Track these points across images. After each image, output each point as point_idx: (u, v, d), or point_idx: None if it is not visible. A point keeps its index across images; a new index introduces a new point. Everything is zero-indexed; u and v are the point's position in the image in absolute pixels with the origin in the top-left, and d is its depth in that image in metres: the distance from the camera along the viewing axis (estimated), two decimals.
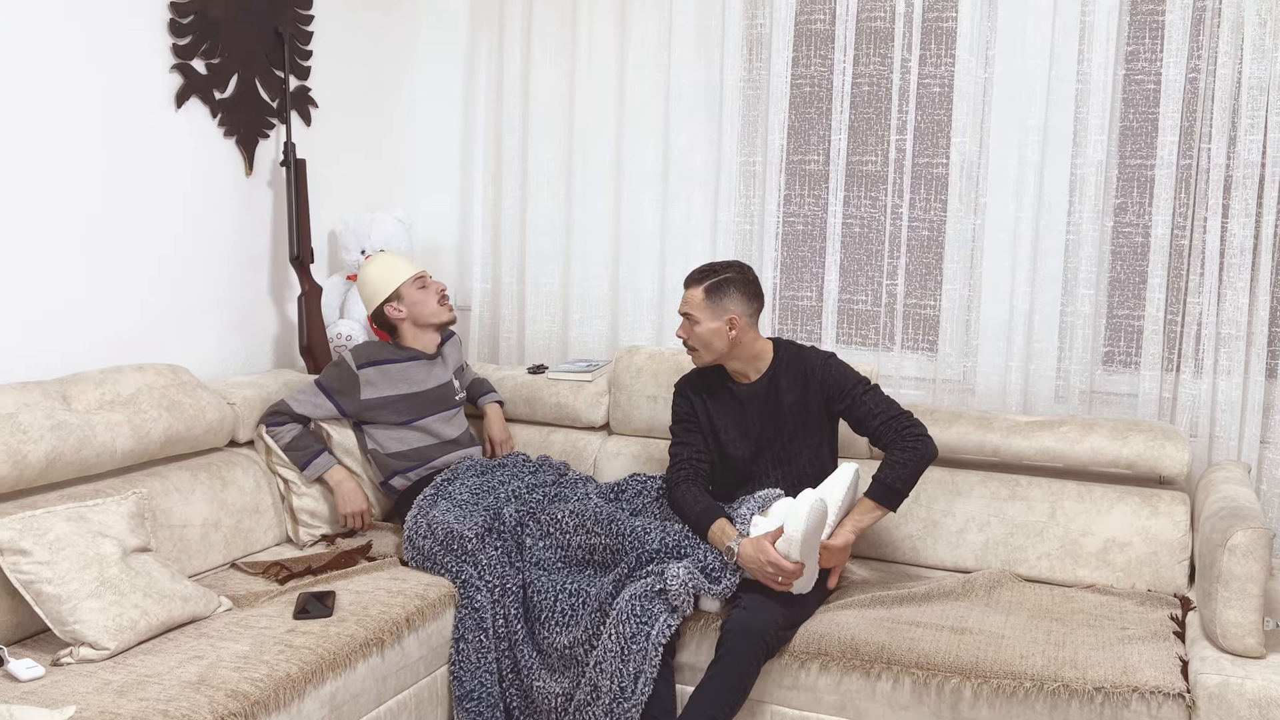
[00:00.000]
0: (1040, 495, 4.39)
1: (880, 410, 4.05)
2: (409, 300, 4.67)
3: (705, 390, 4.26)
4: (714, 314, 4.08)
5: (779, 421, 4.16)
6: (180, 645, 3.40)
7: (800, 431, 4.16)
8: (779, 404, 4.16)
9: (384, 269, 4.69)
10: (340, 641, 3.52)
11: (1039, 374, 4.82)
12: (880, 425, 4.03)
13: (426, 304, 4.69)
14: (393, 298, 4.67)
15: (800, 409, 4.15)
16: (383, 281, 4.67)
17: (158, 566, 3.57)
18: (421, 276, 4.70)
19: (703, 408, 4.24)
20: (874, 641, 3.68)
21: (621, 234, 5.45)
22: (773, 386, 4.16)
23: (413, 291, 4.67)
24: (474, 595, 4.05)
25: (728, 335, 4.09)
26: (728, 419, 4.22)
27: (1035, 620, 3.87)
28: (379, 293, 4.67)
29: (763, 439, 4.18)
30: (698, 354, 4.17)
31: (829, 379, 4.12)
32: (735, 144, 5.22)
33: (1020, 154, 4.77)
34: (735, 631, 3.71)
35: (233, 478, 4.29)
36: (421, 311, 4.68)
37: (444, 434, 4.69)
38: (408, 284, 4.67)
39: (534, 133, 5.55)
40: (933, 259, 4.99)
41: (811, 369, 4.15)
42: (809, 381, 4.14)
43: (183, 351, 4.60)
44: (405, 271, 4.68)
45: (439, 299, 4.71)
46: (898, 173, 4.96)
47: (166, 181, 4.48)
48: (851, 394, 4.09)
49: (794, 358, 4.19)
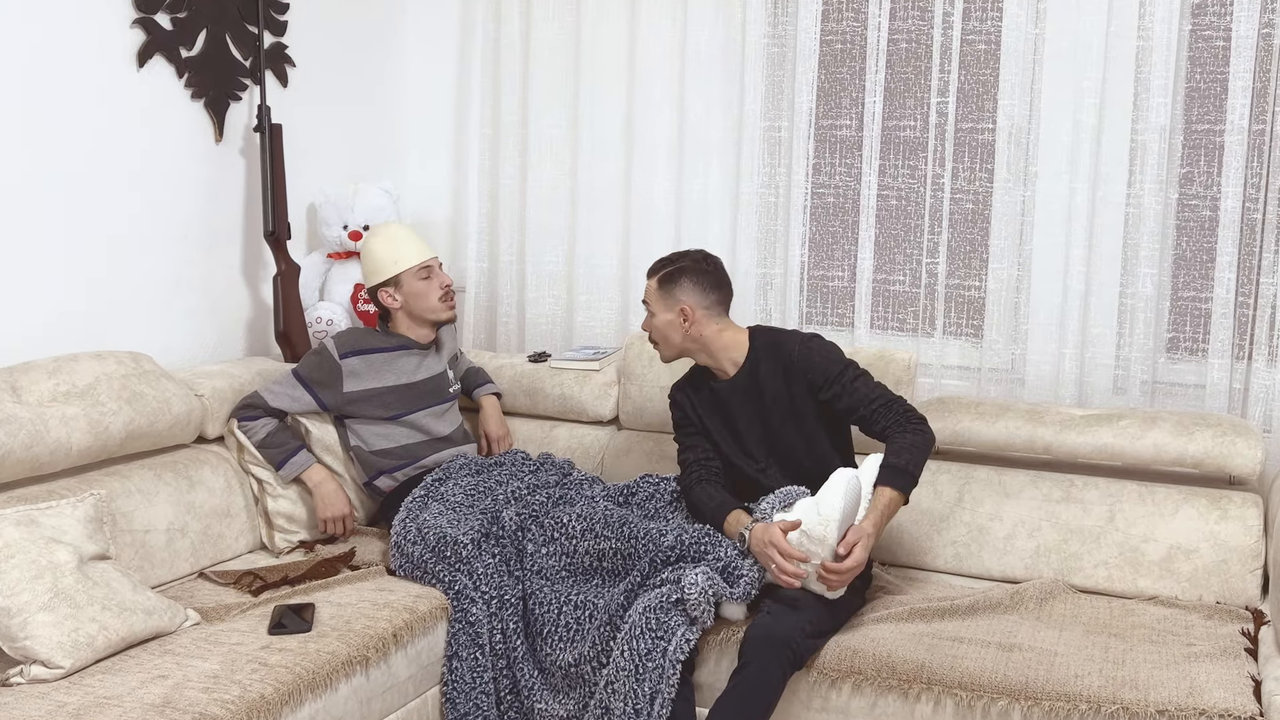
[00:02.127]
0: (1097, 497, 4.37)
1: (877, 395, 4.05)
2: (408, 290, 4.64)
3: (694, 392, 4.30)
4: (667, 305, 4.16)
5: (764, 416, 4.18)
6: (143, 664, 3.39)
7: (789, 424, 4.16)
8: (760, 395, 4.17)
9: (388, 249, 4.66)
10: (320, 660, 3.50)
11: (1095, 363, 4.81)
12: (878, 408, 4.02)
13: (426, 299, 4.66)
14: (390, 282, 4.65)
15: (784, 399, 4.15)
16: (384, 262, 4.64)
17: (118, 576, 3.56)
18: (428, 266, 4.67)
19: (693, 410, 4.28)
20: (913, 659, 3.67)
21: (632, 207, 5.45)
22: (752, 378, 4.18)
23: (414, 282, 4.64)
24: (469, 608, 4.04)
25: (682, 327, 4.15)
26: (716, 419, 4.24)
27: (1091, 636, 3.85)
28: (377, 273, 4.66)
29: (750, 436, 4.20)
30: (659, 348, 4.26)
31: (811, 364, 4.12)
32: (758, 107, 5.20)
33: (1075, 118, 4.75)
34: (757, 639, 3.71)
35: (201, 477, 4.29)
36: (419, 305, 4.66)
37: (435, 430, 4.68)
38: (411, 272, 4.64)
39: (535, 95, 5.54)
40: (978, 235, 4.98)
41: (790, 355, 4.15)
42: (790, 368, 4.14)
43: (145, 338, 4.59)
44: (411, 257, 4.65)
45: (442, 294, 4.69)
46: (939, 139, 4.95)
47: (127, 149, 4.48)
48: (840, 380, 4.08)
49: (771, 344, 4.20)
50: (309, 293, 5.20)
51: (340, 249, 5.25)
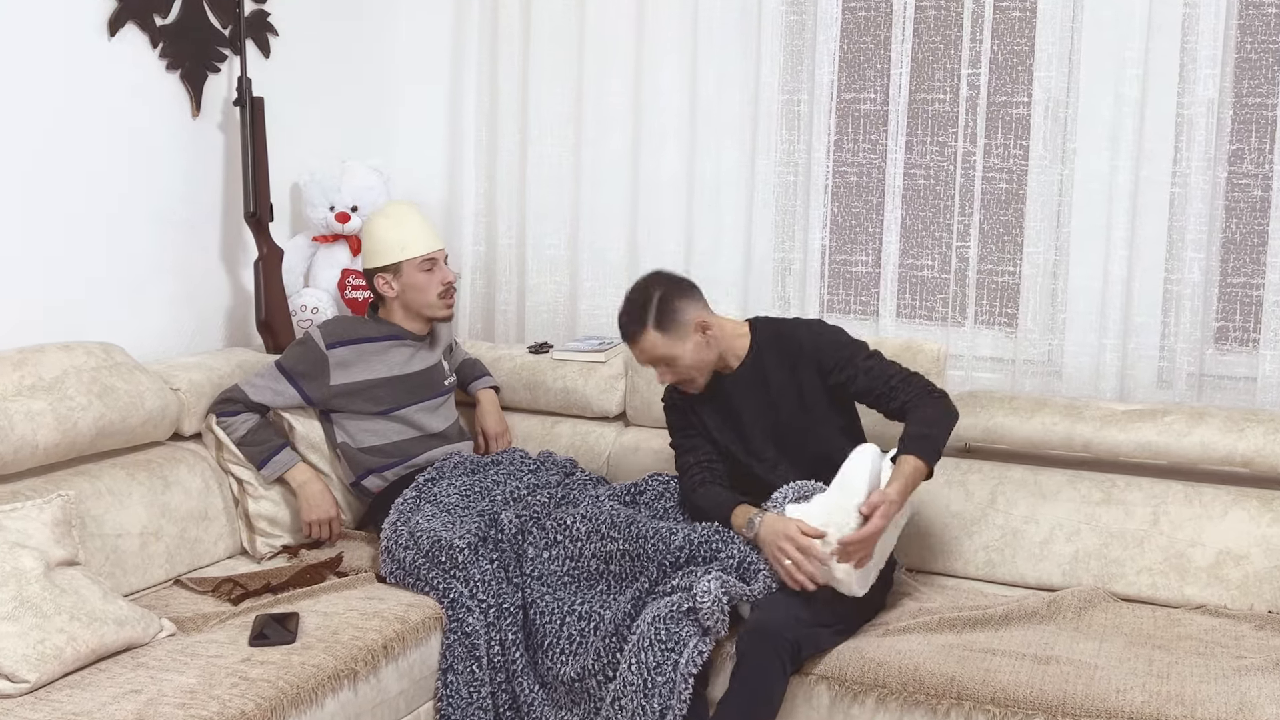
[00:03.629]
0: (1140, 499, 4.37)
1: (894, 371, 4.08)
2: (407, 281, 4.63)
3: (693, 395, 4.29)
4: (682, 336, 4.11)
5: (771, 408, 4.19)
6: (114, 677, 3.38)
7: (798, 414, 4.18)
8: (766, 387, 4.18)
9: (394, 233, 4.63)
10: (305, 673, 3.50)
11: (1138, 354, 4.81)
12: (896, 384, 4.04)
13: (425, 293, 4.65)
14: (390, 269, 4.63)
15: (791, 389, 4.17)
16: (388, 246, 4.62)
17: (87, 583, 3.56)
18: (432, 259, 4.64)
19: (692, 411, 4.31)
20: (942, 672, 3.67)
21: (640, 187, 5.44)
22: (756, 369, 4.20)
23: (416, 273, 4.62)
24: (465, 617, 4.04)
25: (709, 341, 4.14)
26: (717, 417, 4.26)
27: (1134, 647, 3.84)
28: (378, 256, 4.63)
29: (756, 431, 4.21)
30: (691, 382, 4.21)
31: (820, 347, 4.15)
32: (775, 79, 5.20)
33: (1116, 91, 4.74)
34: (748, 633, 3.75)
35: (177, 477, 4.29)
36: (416, 299, 4.65)
37: (429, 426, 4.68)
38: (414, 263, 4.62)
39: (536, 67, 5.54)
40: (1012, 216, 4.98)
41: (799, 343, 4.18)
42: (798, 356, 4.17)
43: (116, 327, 4.57)
44: (417, 247, 4.62)
45: (442, 291, 4.67)
46: (970, 114, 4.94)
47: (96, 125, 4.47)
48: (852, 362, 4.11)
49: (775, 334, 4.24)
50: (293, 278, 5.19)
51: (326, 231, 5.25)
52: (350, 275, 5.16)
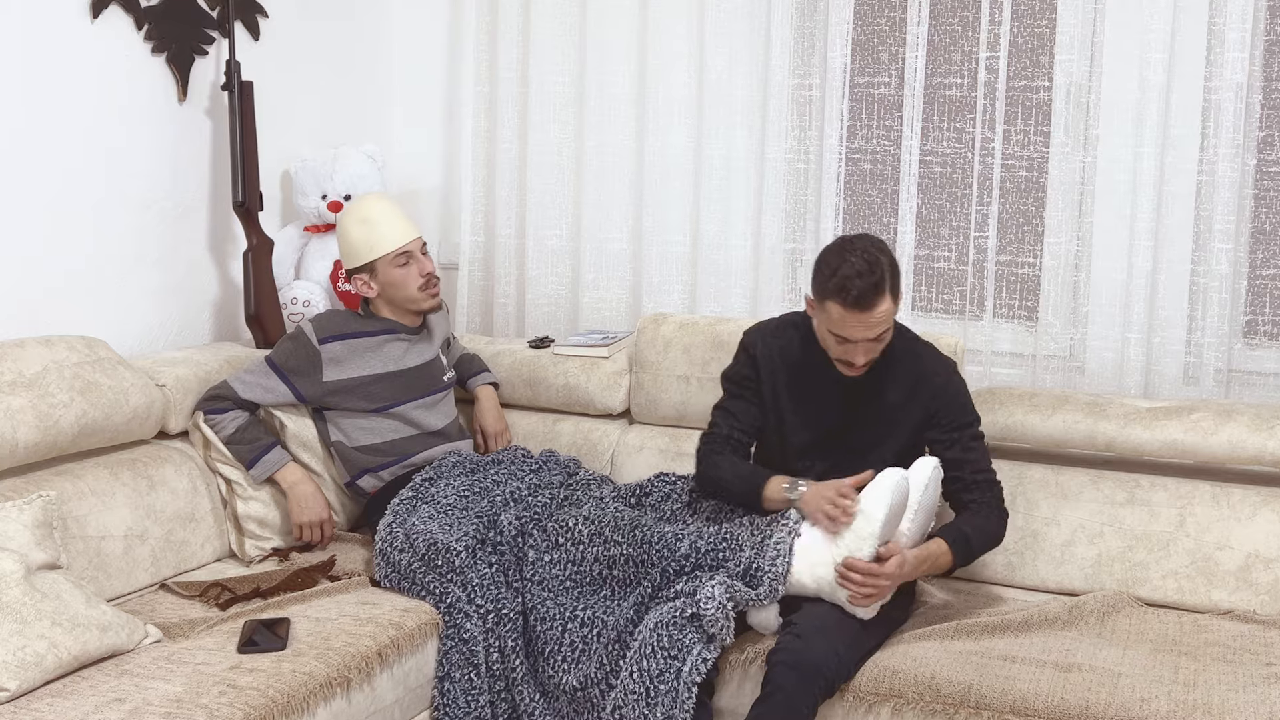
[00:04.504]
0: (1166, 499, 4.37)
1: (985, 468, 4.09)
2: (384, 279, 4.62)
3: (782, 357, 4.21)
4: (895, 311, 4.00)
5: (865, 419, 4.14)
6: (97, 686, 3.38)
7: (882, 437, 4.14)
8: (874, 398, 4.13)
9: (361, 231, 4.61)
10: (296, 681, 3.50)
11: (1164, 349, 4.81)
12: (980, 481, 4.07)
13: (404, 288, 4.64)
14: (365, 269, 4.62)
15: (897, 413, 4.13)
16: (358, 246, 4.61)
17: (69, 588, 3.56)
18: (406, 252, 4.62)
19: (770, 373, 4.21)
20: (959, 680, 3.66)
21: (646, 174, 5.44)
22: (873, 376, 4.11)
23: (390, 269, 4.61)
24: (463, 623, 4.04)
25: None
26: (802, 399, 4.19)
27: (1159, 654, 3.84)
28: (351, 257, 4.64)
29: (833, 433, 4.16)
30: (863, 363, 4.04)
31: (946, 398, 4.11)
32: (786, 62, 5.19)
33: (1141, 74, 4.73)
34: (785, 664, 3.68)
35: (163, 477, 4.29)
36: (397, 295, 4.65)
37: (427, 424, 4.68)
38: (386, 259, 4.61)
39: (537, 49, 5.54)
40: (1032, 206, 4.98)
41: (929, 375, 4.13)
42: (918, 387, 4.11)
43: (100, 321, 4.58)
44: (388, 242, 4.60)
45: (423, 283, 4.66)
46: (988, 98, 4.94)
47: (78, 110, 4.47)
48: (965, 433, 4.09)
49: (909, 350, 4.16)
50: (283, 270, 5.19)
51: (318, 221, 5.24)
52: (342, 267, 5.14)
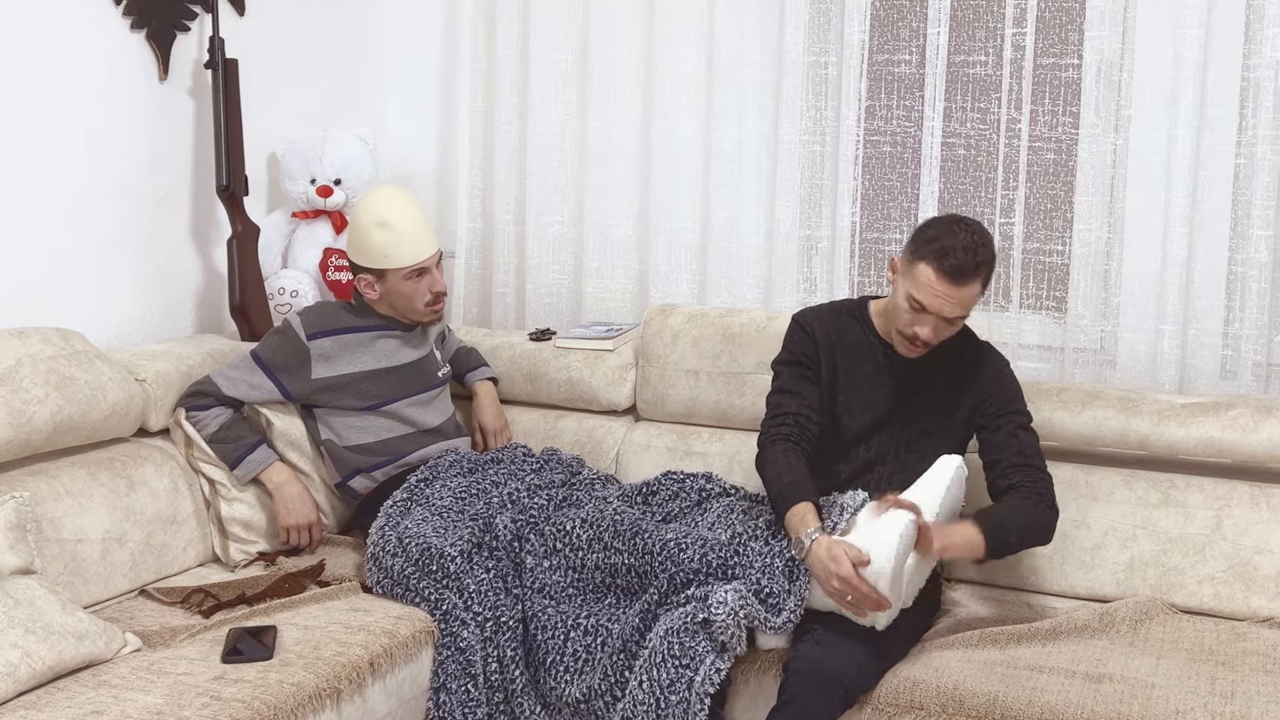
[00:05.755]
0: (1202, 500, 4.36)
1: (1030, 455, 4.06)
2: (391, 287, 4.59)
3: (839, 337, 4.23)
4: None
5: (917, 406, 4.16)
6: (74, 697, 3.38)
7: (936, 427, 4.16)
8: (928, 385, 4.16)
9: (382, 237, 4.53)
10: (283, 692, 3.49)
11: (1200, 342, 4.81)
12: (1022, 465, 4.03)
13: (411, 302, 4.62)
14: (373, 272, 4.59)
15: (949, 402, 4.15)
16: (372, 250, 4.55)
17: (44, 594, 3.56)
18: (421, 270, 4.58)
19: (827, 355, 4.21)
20: (984, 692, 3.66)
21: (653, 158, 5.45)
22: (928, 365, 4.14)
23: (401, 283, 4.58)
24: (459, 631, 4.05)
25: None
26: (858, 380, 4.19)
27: (1195, 664, 3.84)
28: (362, 257, 4.59)
29: (892, 419, 4.18)
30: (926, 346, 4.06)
31: (998, 387, 4.14)
32: (801, 39, 5.20)
33: (1175, 52, 4.73)
34: (804, 674, 3.68)
35: (143, 477, 4.29)
36: (401, 305, 4.64)
37: (422, 421, 4.68)
38: (399, 273, 4.57)
39: (538, 24, 5.55)
40: (1060, 190, 4.98)
41: (982, 368, 4.16)
42: (971, 380, 4.15)
43: (76, 312, 4.58)
44: (406, 256, 4.54)
45: (430, 300, 4.64)
46: (1014, 77, 4.94)
47: (53, 89, 4.46)
48: (1011, 419, 4.10)
49: (968, 345, 4.20)
50: (270, 258, 5.19)
51: (307, 207, 5.24)
52: (333, 255, 5.15)
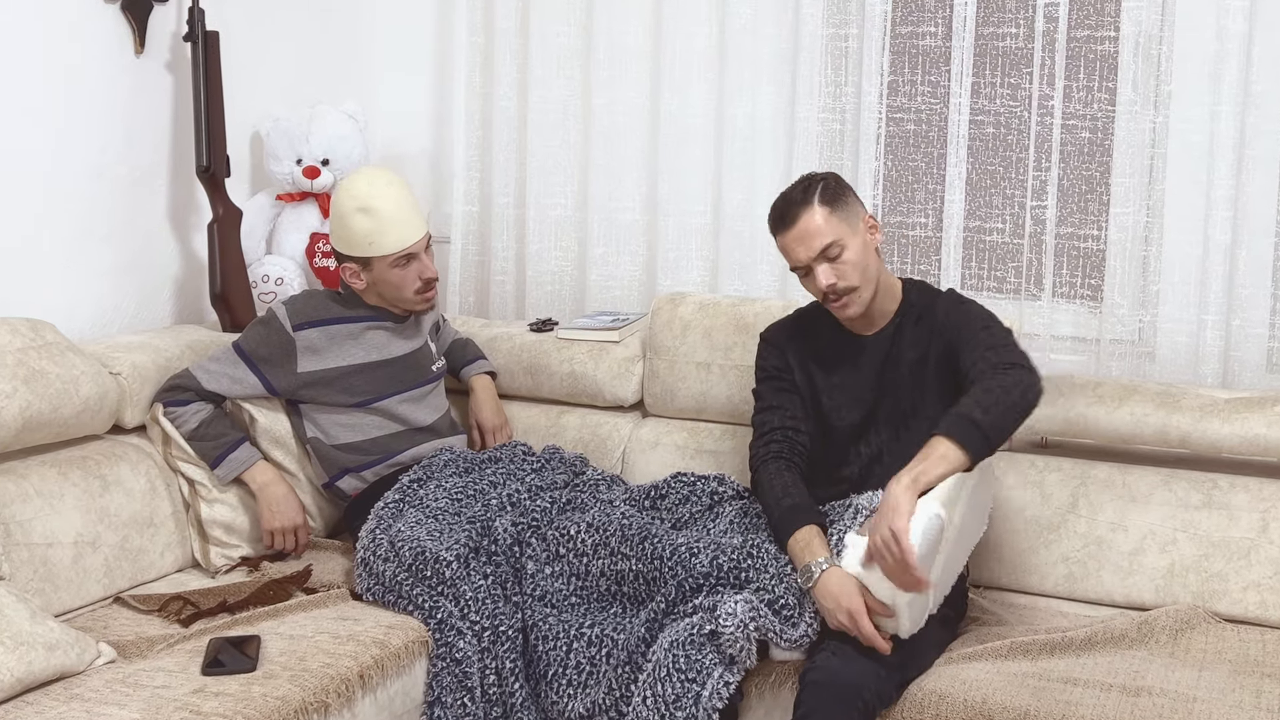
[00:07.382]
0: (1246, 502, 4.35)
1: (984, 344, 3.94)
2: (378, 275, 4.59)
3: (804, 341, 4.25)
4: (851, 225, 4.02)
5: (897, 386, 4.16)
6: (44, 711, 3.38)
7: (919, 400, 4.14)
8: (899, 362, 4.15)
9: (364, 223, 4.53)
10: (267, 706, 3.49)
11: (1244, 332, 4.81)
12: (976, 358, 3.92)
13: (399, 290, 4.62)
14: (358, 261, 4.59)
15: (919, 369, 4.14)
16: (355, 237, 4.55)
17: (12, 601, 3.56)
18: (409, 255, 4.58)
19: (800, 363, 4.24)
20: (1015, 706, 3.65)
21: (661, 136, 5.45)
22: (896, 339, 4.16)
23: (387, 270, 4.57)
24: (455, 641, 4.04)
25: (874, 247, 4.08)
26: (836, 378, 4.21)
27: (1239, 676, 3.83)
28: (343, 244, 4.59)
29: (879, 408, 4.17)
30: (855, 293, 4.04)
31: (952, 318, 4.10)
32: (819, 10, 5.19)
33: (1218, 24, 4.72)
34: (820, 685, 3.67)
35: (117, 477, 4.30)
36: (390, 295, 4.64)
37: (414, 418, 4.68)
38: (384, 260, 4.57)
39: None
40: (1096, 171, 4.98)
41: (936, 317, 4.14)
42: (931, 336, 4.13)
43: (46, 301, 4.58)
44: (388, 243, 4.54)
45: (420, 287, 4.64)
46: (1047, 50, 4.92)
47: (22, 66, 4.47)
48: (974, 337, 3.99)
49: (927, 305, 4.18)
50: (253, 244, 5.19)
51: (292, 189, 5.24)
52: (320, 240, 5.14)
